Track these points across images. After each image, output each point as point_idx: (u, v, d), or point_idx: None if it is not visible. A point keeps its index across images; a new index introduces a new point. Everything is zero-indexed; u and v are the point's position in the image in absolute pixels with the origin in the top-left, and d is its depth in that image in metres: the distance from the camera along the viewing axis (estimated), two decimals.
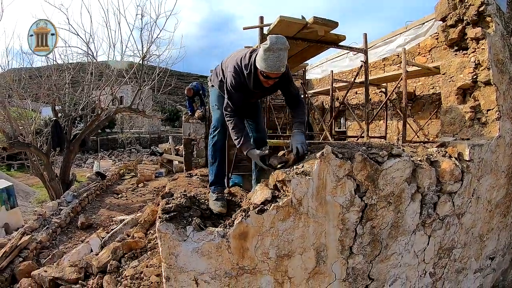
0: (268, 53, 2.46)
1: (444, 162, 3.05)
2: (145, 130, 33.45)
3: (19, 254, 6.00)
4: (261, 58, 2.51)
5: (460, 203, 3.23)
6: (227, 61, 3.07)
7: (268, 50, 2.45)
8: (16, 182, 13.21)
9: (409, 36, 7.95)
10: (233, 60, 2.87)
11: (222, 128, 3.02)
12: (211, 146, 3.03)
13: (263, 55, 2.48)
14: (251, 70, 2.71)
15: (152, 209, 4.95)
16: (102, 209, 9.57)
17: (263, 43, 2.53)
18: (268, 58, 2.47)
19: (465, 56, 3.77)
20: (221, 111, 3.01)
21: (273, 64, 2.48)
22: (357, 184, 2.52)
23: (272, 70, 2.51)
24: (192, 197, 2.61)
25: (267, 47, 2.45)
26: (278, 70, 2.53)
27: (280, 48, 2.47)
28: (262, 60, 2.50)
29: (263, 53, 2.48)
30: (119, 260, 4.30)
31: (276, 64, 2.48)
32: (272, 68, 2.49)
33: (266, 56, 2.47)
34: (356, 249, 2.65)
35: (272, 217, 2.26)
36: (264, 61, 2.49)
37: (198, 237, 2.19)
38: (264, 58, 2.48)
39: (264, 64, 2.49)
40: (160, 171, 15.59)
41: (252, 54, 2.77)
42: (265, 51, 2.46)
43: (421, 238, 3.03)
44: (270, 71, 2.52)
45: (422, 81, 8.00)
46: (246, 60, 2.76)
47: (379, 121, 9.14)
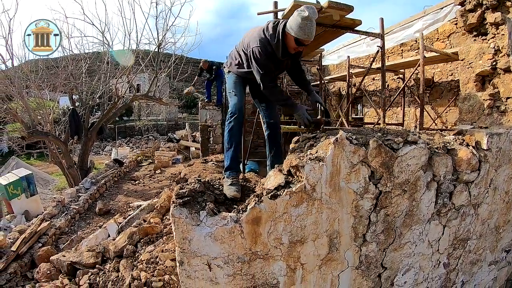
0: (305, 21, 2.66)
1: (461, 150, 2.98)
2: (162, 117, 33.61)
3: (39, 240, 6.15)
4: (298, 26, 2.68)
5: (477, 193, 3.17)
6: (244, 41, 3.17)
7: (306, 18, 2.65)
8: (35, 171, 13.50)
9: (427, 21, 7.74)
10: (254, 35, 3.01)
11: (239, 113, 3.09)
12: (227, 132, 3.07)
13: (300, 23, 2.66)
14: (278, 39, 2.86)
15: (168, 195, 4.99)
16: (120, 196, 9.70)
17: (300, 11, 2.69)
18: (305, 26, 2.68)
19: (484, 42, 3.67)
20: (238, 97, 3.17)
21: (310, 32, 2.70)
22: (371, 171, 2.49)
23: (309, 38, 2.74)
24: (206, 182, 2.62)
25: (306, 15, 2.64)
26: (311, 38, 2.76)
27: (315, 17, 2.70)
28: (299, 28, 2.68)
29: (301, 21, 2.67)
30: (136, 245, 4.37)
31: (312, 31, 2.71)
32: (309, 35, 2.72)
33: (304, 24, 2.66)
34: (370, 237, 2.63)
35: (285, 203, 2.26)
36: (302, 29, 2.67)
37: (212, 221, 2.20)
38: (301, 26, 2.66)
39: (302, 31, 2.68)
40: (177, 158, 15.64)
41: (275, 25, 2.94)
42: (303, 19, 2.65)
43: (436, 227, 2.99)
44: (307, 38, 2.73)
45: (440, 68, 7.79)
46: (270, 31, 2.92)
47: (397, 108, 8.99)
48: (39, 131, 9.96)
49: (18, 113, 9.86)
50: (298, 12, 2.68)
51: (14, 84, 9.62)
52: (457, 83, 7.07)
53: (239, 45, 3.26)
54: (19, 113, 10.05)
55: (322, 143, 2.48)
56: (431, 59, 6.66)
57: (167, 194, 5.13)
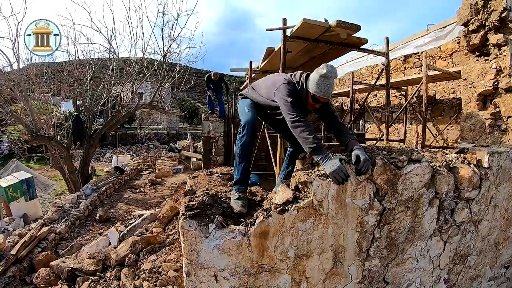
0: (323, 79, 2.66)
1: (462, 168, 3.05)
2: (164, 126, 33.63)
3: (38, 245, 6.13)
4: (315, 83, 2.71)
5: (477, 210, 3.23)
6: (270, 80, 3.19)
7: (324, 76, 2.66)
8: (35, 174, 13.46)
9: (430, 39, 7.90)
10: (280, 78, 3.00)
11: (251, 129, 3.06)
12: (239, 146, 3.05)
13: (317, 80, 2.69)
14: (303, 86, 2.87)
15: (171, 205, 5.03)
16: (120, 203, 9.69)
17: (319, 69, 2.70)
18: (322, 83, 2.67)
19: (486, 62, 3.76)
20: (251, 113, 3.14)
21: (326, 90, 2.69)
22: (376, 188, 2.55)
23: (324, 95, 2.73)
24: (214, 195, 2.67)
25: (324, 73, 2.65)
26: (329, 96, 2.75)
27: (333, 76, 2.68)
28: (316, 85, 2.70)
29: (318, 78, 2.68)
30: (138, 254, 4.40)
31: (329, 90, 2.70)
32: (325, 93, 2.71)
33: (321, 82, 2.68)
34: (373, 252, 2.68)
35: (293, 217, 2.32)
36: (318, 86, 2.69)
37: (220, 234, 2.25)
38: (318, 83, 2.69)
39: (318, 89, 2.70)
40: (178, 168, 15.71)
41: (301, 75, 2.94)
42: (320, 77, 2.67)
43: (437, 243, 3.04)
44: (322, 95, 2.72)
45: (442, 85, 7.91)
46: (296, 78, 2.93)
47: (398, 125, 9.09)
48: (42, 135, 9.97)
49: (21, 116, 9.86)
50: (317, 70, 2.71)
51: (20, 87, 9.63)
52: (458, 101, 7.17)
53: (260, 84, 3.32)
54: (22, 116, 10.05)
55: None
56: (434, 77, 6.75)
57: (170, 204, 5.17)
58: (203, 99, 36.58)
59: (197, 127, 36.10)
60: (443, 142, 7.78)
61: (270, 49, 6.07)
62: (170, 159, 17.19)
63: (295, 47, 5.31)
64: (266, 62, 6.55)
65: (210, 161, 9.96)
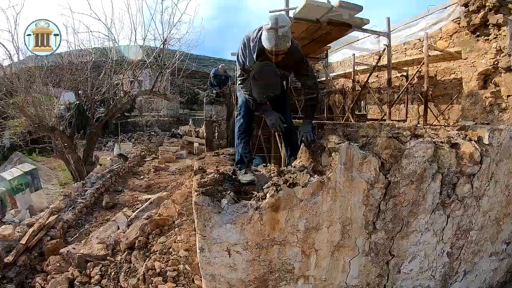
0: (270, 32, 2.61)
1: (464, 144, 3.13)
2: (164, 113, 33.39)
3: (47, 233, 6.20)
4: (265, 38, 2.67)
5: (479, 186, 3.31)
6: None
7: (269, 29, 2.61)
8: (38, 166, 13.46)
9: (431, 20, 7.93)
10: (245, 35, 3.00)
11: (248, 111, 3.14)
12: (237, 128, 3.15)
13: (267, 35, 2.65)
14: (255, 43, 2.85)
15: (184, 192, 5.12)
16: (126, 190, 9.74)
17: (264, 24, 2.68)
18: (271, 37, 2.62)
19: (486, 42, 3.80)
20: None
21: (277, 42, 2.63)
22: (381, 162, 2.63)
23: (277, 48, 2.67)
24: (224, 172, 2.75)
25: (269, 27, 2.60)
26: (284, 46, 2.70)
27: (281, 26, 2.61)
28: (266, 40, 2.67)
29: (266, 33, 2.64)
30: (147, 236, 4.48)
31: (280, 41, 2.64)
32: (277, 45, 2.65)
33: (270, 36, 2.62)
34: (379, 225, 2.77)
35: (302, 191, 2.40)
36: (269, 40, 2.65)
37: (232, 209, 2.34)
38: (268, 37, 2.64)
39: (269, 43, 2.65)
40: (181, 153, 15.70)
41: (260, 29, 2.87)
42: (268, 31, 2.62)
43: (440, 217, 3.12)
44: (275, 48, 2.67)
45: (443, 66, 7.94)
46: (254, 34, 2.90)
47: (400, 105, 9.11)
48: (45, 126, 9.99)
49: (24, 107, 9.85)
50: (264, 24, 2.69)
51: (21, 79, 9.62)
52: (459, 81, 7.22)
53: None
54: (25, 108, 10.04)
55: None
56: (435, 58, 6.79)
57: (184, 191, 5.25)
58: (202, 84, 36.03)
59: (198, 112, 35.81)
60: (444, 122, 7.84)
61: None
62: (173, 144, 17.22)
63: (298, 28, 5.35)
64: None
65: (214, 144, 10.00)
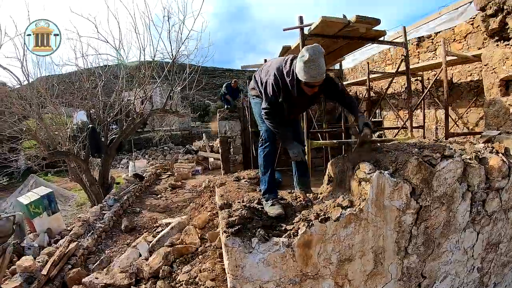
0: (308, 64, 2.54)
1: (492, 158, 3.05)
2: (176, 127, 33.36)
3: (68, 261, 6.18)
4: (301, 70, 2.60)
5: (507, 198, 3.23)
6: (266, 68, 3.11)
7: (307, 61, 2.54)
8: (54, 187, 13.51)
9: (442, 21, 7.83)
10: (273, 66, 2.94)
11: (273, 138, 3.07)
12: (262, 157, 3.07)
13: (303, 67, 2.57)
14: (293, 77, 2.77)
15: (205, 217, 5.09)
16: (144, 211, 9.71)
17: (300, 56, 2.61)
18: (309, 69, 2.55)
19: (507, 47, 3.71)
20: None
21: (316, 73, 2.58)
22: (412, 187, 2.57)
23: (315, 80, 2.62)
24: (251, 207, 2.70)
25: (306, 59, 2.54)
26: (321, 77, 2.63)
27: (318, 57, 2.56)
28: (303, 72, 2.59)
29: (303, 65, 2.57)
30: (171, 265, 4.43)
31: (318, 72, 2.58)
32: (315, 77, 2.60)
33: (307, 68, 2.56)
34: (411, 250, 2.71)
35: (335, 225, 2.35)
36: (306, 72, 2.58)
37: (264, 248, 2.29)
38: (305, 70, 2.57)
39: (306, 75, 2.59)
40: (196, 169, 15.64)
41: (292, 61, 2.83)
42: (305, 63, 2.56)
43: (471, 235, 3.06)
44: (313, 80, 2.62)
45: (459, 69, 7.78)
46: (287, 67, 2.83)
47: (416, 110, 8.96)
48: (60, 151, 10.00)
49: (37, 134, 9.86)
50: (299, 57, 2.63)
51: (32, 104, 9.62)
52: (476, 83, 7.08)
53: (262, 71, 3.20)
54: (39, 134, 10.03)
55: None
56: (451, 62, 6.66)
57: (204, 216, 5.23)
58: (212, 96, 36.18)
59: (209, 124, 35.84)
60: (464, 126, 7.71)
61: (286, 47, 6.04)
62: (188, 161, 17.18)
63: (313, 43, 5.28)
64: None
65: (229, 160, 9.98)
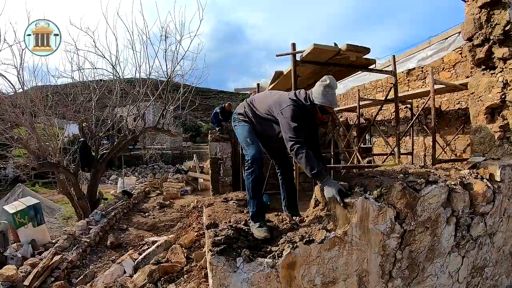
0: (328, 89, 2.73)
1: (476, 184, 3.12)
2: (167, 146, 33.27)
3: (51, 274, 6.11)
4: (321, 94, 2.76)
5: (492, 223, 3.29)
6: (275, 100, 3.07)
7: (328, 86, 2.73)
8: (41, 198, 13.35)
9: (432, 51, 8.02)
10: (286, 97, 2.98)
11: (259, 162, 3.03)
12: (250, 181, 3.01)
13: (323, 91, 2.75)
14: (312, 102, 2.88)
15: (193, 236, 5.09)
16: (130, 228, 9.63)
17: (322, 81, 2.78)
18: (328, 93, 2.74)
19: (493, 76, 3.81)
20: (255, 144, 3.08)
21: (332, 99, 2.78)
22: (397, 212, 2.61)
23: (332, 105, 2.80)
24: (237, 227, 2.71)
25: (328, 83, 2.73)
26: (335, 106, 2.89)
27: (336, 87, 2.78)
28: (322, 96, 2.76)
29: (323, 89, 2.75)
30: (156, 283, 4.37)
31: (334, 99, 2.79)
32: (332, 102, 2.79)
33: (326, 92, 2.74)
34: (395, 273, 2.73)
35: (319, 247, 2.37)
36: (325, 96, 2.75)
37: (248, 268, 2.29)
38: (324, 94, 2.74)
39: (325, 99, 2.76)
40: (185, 189, 15.68)
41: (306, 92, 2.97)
42: (325, 88, 2.74)
43: (456, 259, 3.09)
44: (330, 105, 2.80)
45: (447, 97, 7.94)
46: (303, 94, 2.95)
47: (405, 137, 9.08)
48: (49, 162, 9.93)
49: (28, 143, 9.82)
50: (320, 82, 2.78)
51: (25, 113, 9.58)
52: (464, 111, 7.24)
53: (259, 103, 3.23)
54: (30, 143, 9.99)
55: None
56: (439, 90, 6.81)
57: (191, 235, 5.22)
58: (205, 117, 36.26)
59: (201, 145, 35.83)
60: (451, 153, 7.83)
61: (279, 72, 6.12)
62: (177, 180, 17.15)
63: (303, 70, 5.37)
64: (274, 85, 6.59)
65: (219, 182, 9.99)
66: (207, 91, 53.99)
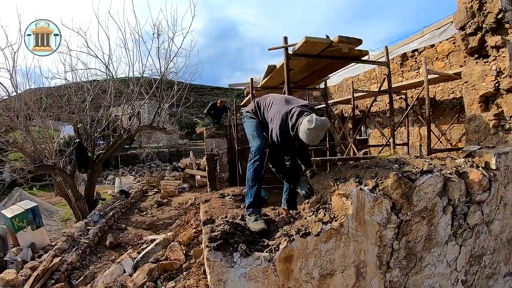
0: (312, 130, 2.75)
1: (472, 172, 3.12)
2: (163, 144, 33.13)
3: (51, 276, 6.08)
4: (303, 132, 2.82)
5: (489, 211, 3.29)
6: (276, 109, 3.28)
7: (312, 129, 2.75)
8: (38, 201, 13.29)
9: (425, 40, 8.05)
10: (280, 113, 3.14)
11: (263, 154, 3.20)
12: (252, 170, 3.15)
13: (306, 131, 2.79)
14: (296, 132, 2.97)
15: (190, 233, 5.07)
16: (129, 227, 9.58)
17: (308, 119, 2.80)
18: (310, 134, 2.78)
19: (486, 64, 3.81)
20: (260, 138, 3.30)
21: (312, 139, 2.83)
22: (392, 202, 2.61)
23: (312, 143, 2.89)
24: (234, 222, 2.71)
25: (312, 127, 2.75)
26: (315, 143, 2.93)
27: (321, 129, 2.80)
28: (304, 134, 2.82)
29: (306, 129, 2.78)
30: (155, 281, 4.37)
31: (315, 139, 2.84)
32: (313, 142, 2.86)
33: (310, 132, 2.77)
34: (393, 264, 2.73)
35: (315, 240, 2.37)
36: (307, 136, 2.80)
37: (245, 262, 2.30)
38: (307, 133, 2.79)
39: (307, 138, 2.83)
40: (183, 186, 15.59)
41: (299, 117, 3.00)
42: (309, 129, 2.77)
43: (453, 248, 3.09)
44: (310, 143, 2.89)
45: (442, 86, 7.99)
46: (293, 121, 3.02)
47: (400, 128, 9.10)
48: (46, 164, 9.88)
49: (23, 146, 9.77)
50: (308, 120, 2.80)
51: (19, 116, 9.52)
52: (458, 100, 7.24)
53: (266, 106, 3.45)
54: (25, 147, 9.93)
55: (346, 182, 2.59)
56: (433, 80, 6.82)
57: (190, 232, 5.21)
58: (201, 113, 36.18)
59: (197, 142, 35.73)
60: (447, 143, 7.84)
61: (272, 66, 6.12)
62: (174, 178, 17.07)
63: (296, 63, 5.39)
64: (268, 79, 6.58)
65: (216, 178, 9.99)
66: (201, 88, 53.93)
